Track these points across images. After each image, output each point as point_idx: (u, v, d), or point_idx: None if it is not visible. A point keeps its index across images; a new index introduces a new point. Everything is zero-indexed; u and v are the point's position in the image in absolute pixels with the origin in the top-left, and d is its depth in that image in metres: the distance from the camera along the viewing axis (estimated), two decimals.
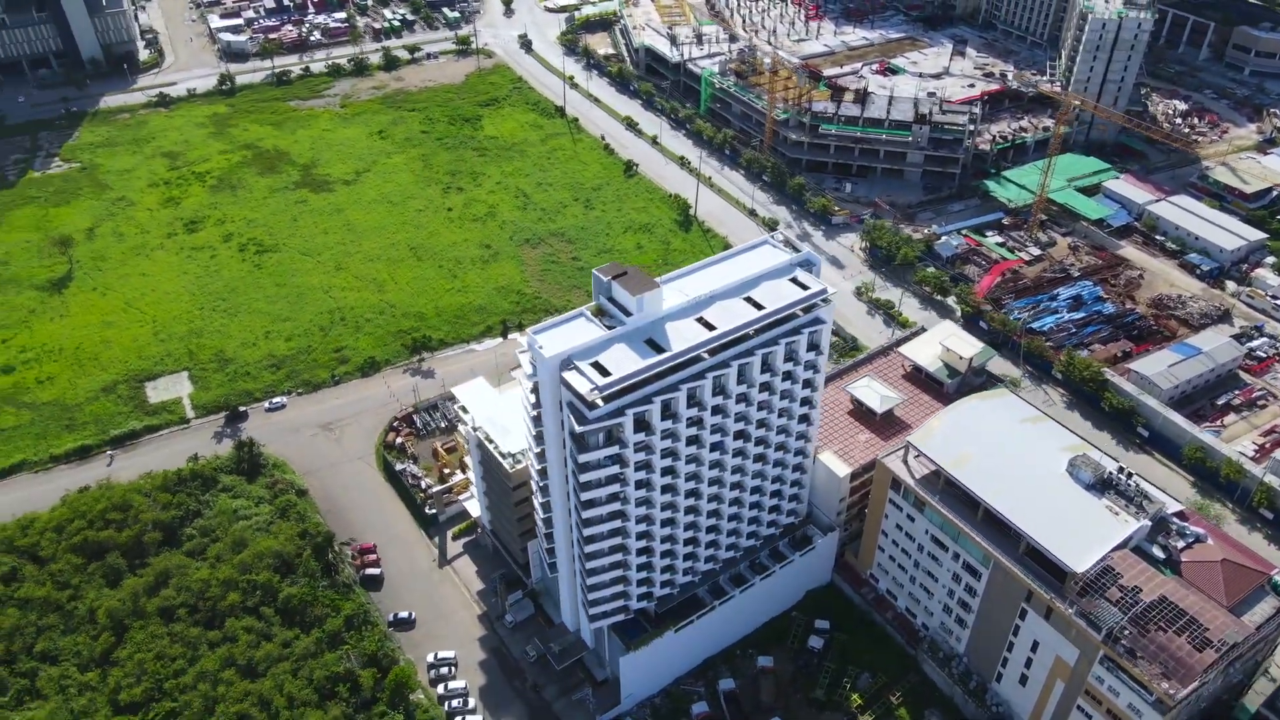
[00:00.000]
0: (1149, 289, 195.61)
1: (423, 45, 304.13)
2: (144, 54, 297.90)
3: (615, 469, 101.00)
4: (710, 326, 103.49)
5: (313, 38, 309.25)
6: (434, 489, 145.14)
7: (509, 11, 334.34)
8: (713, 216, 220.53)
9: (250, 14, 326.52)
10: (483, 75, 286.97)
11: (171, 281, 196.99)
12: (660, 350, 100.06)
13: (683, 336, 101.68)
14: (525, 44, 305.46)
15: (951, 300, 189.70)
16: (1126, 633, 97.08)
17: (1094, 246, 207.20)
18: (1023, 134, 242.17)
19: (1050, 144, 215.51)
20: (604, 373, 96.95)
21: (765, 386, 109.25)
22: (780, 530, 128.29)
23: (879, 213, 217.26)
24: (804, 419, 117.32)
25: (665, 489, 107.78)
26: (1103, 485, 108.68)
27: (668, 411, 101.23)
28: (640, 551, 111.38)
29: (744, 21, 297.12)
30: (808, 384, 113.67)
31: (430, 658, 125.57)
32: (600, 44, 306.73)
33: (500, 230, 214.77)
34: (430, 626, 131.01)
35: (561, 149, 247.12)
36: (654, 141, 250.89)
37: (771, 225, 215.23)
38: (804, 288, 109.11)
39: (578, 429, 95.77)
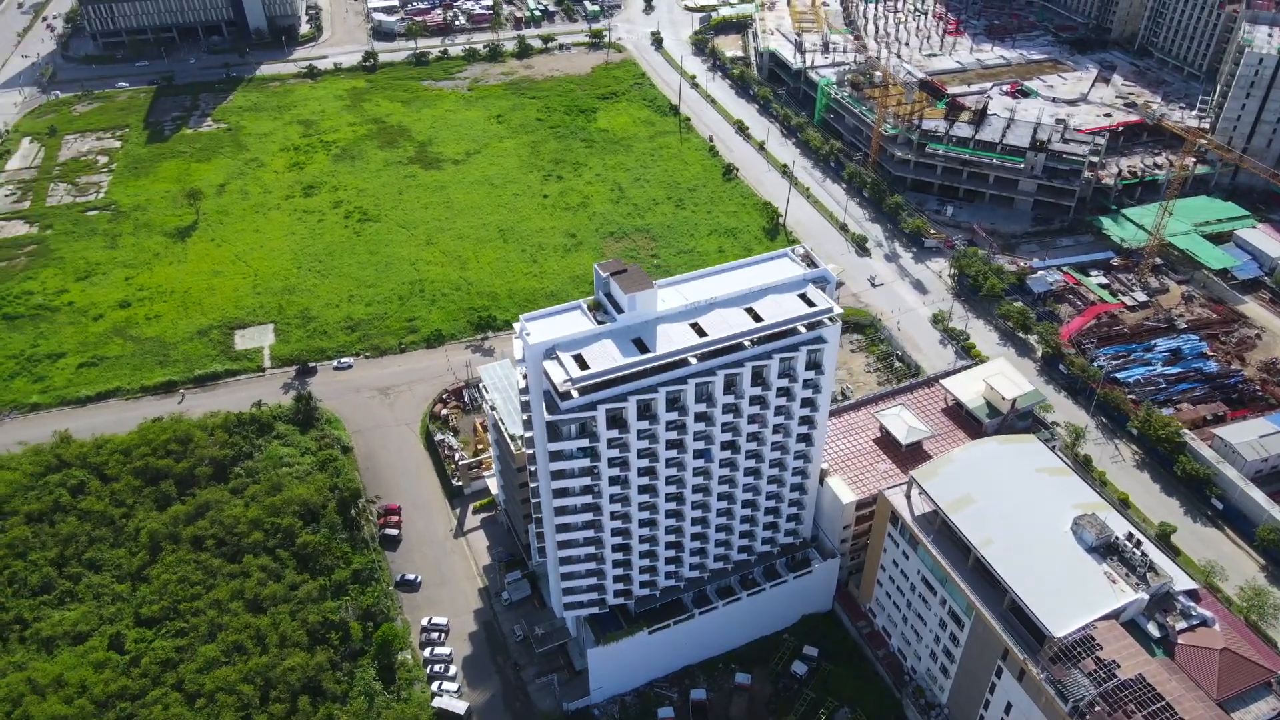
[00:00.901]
0: (1264, 351, 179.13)
1: (557, 36, 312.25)
2: (305, 28, 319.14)
3: (587, 461, 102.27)
4: (702, 333, 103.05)
5: (457, 22, 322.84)
6: (463, 462, 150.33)
7: (649, 8, 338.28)
8: (801, 227, 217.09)
9: None
10: (608, 69, 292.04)
11: (279, 240, 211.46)
12: (645, 350, 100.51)
13: (671, 339, 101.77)
14: (656, 41, 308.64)
15: (1033, 338, 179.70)
16: (1095, 709, 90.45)
17: (1210, 298, 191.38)
18: (1155, 171, 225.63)
19: (1171, 183, 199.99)
20: (583, 366, 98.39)
21: (758, 400, 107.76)
22: (779, 549, 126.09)
23: (975, 239, 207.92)
24: (804, 439, 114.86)
25: (644, 489, 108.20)
26: (1106, 550, 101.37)
27: (646, 412, 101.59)
28: (617, 548, 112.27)
29: (877, 32, 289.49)
30: (807, 403, 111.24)
31: (425, 621, 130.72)
32: (729, 46, 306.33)
33: (589, 221, 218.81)
34: (433, 592, 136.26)
35: (667, 147, 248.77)
36: (760, 147, 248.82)
37: (860, 242, 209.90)
38: (810, 304, 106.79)
39: (548, 417, 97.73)
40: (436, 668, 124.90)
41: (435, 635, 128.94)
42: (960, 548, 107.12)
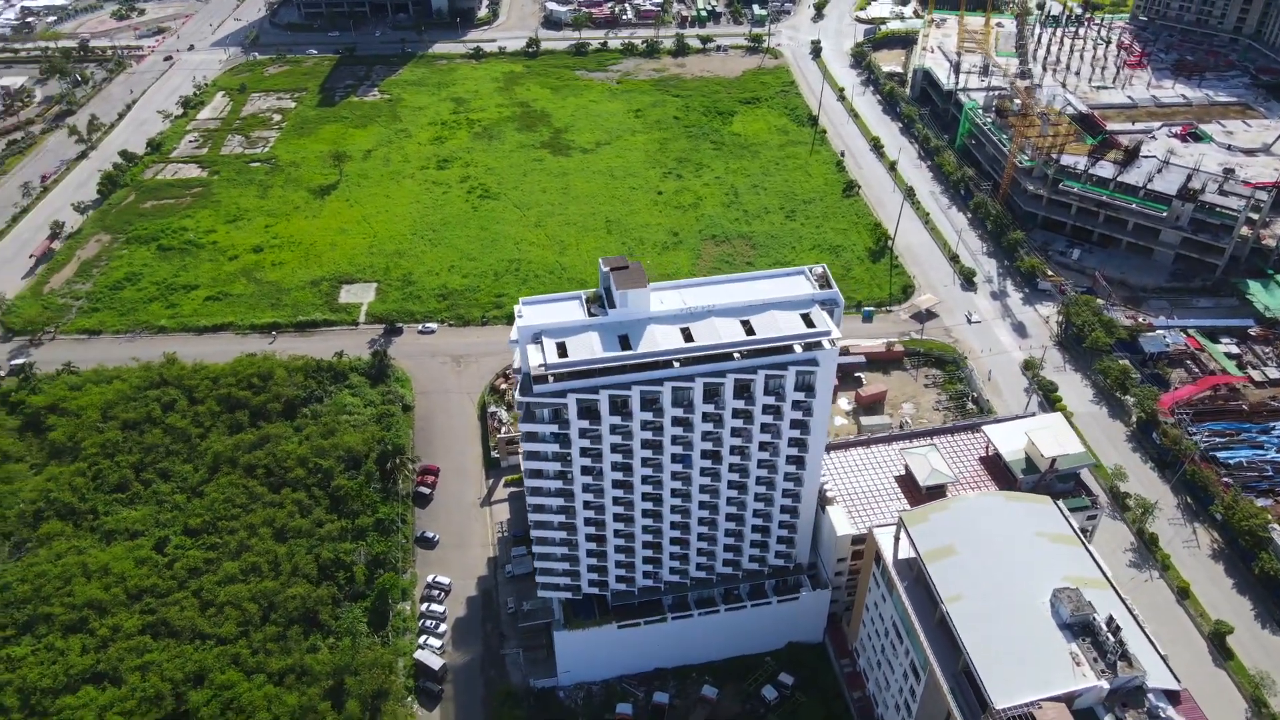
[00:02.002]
0: None
1: (717, 37, 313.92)
2: (483, 12, 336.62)
3: (558, 447, 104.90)
4: (690, 338, 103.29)
5: (624, 16, 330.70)
6: (503, 436, 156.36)
7: (819, 16, 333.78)
8: (910, 253, 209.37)
9: None
10: (759, 74, 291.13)
11: (403, 207, 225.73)
12: (628, 347, 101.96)
13: (655, 340, 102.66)
14: (815, 50, 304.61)
15: (1130, 400, 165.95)
16: None
17: None
18: None
19: None
20: (564, 354, 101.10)
21: (742, 414, 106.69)
22: (769, 570, 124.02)
23: (1095, 287, 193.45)
24: (795, 461, 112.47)
25: (619, 484, 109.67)
26: (1080, 628, 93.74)
27: (621, 408, 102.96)
28: (591, 538, 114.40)
29: (1046, 58, 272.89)
30: (797, 425, 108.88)
31: (430, 578, 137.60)
32: (888, 61, 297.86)
33: (696, 222, 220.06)
34: (446, 552, 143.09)
35: (794, 157, 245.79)
36: (891, 167, 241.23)
37: (968, 275, 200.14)
38: (810, 325, 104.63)
39: (519, 397, 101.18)
40: (429, 623, 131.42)
41: (435, 593, 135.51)
42: (931, 600, 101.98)
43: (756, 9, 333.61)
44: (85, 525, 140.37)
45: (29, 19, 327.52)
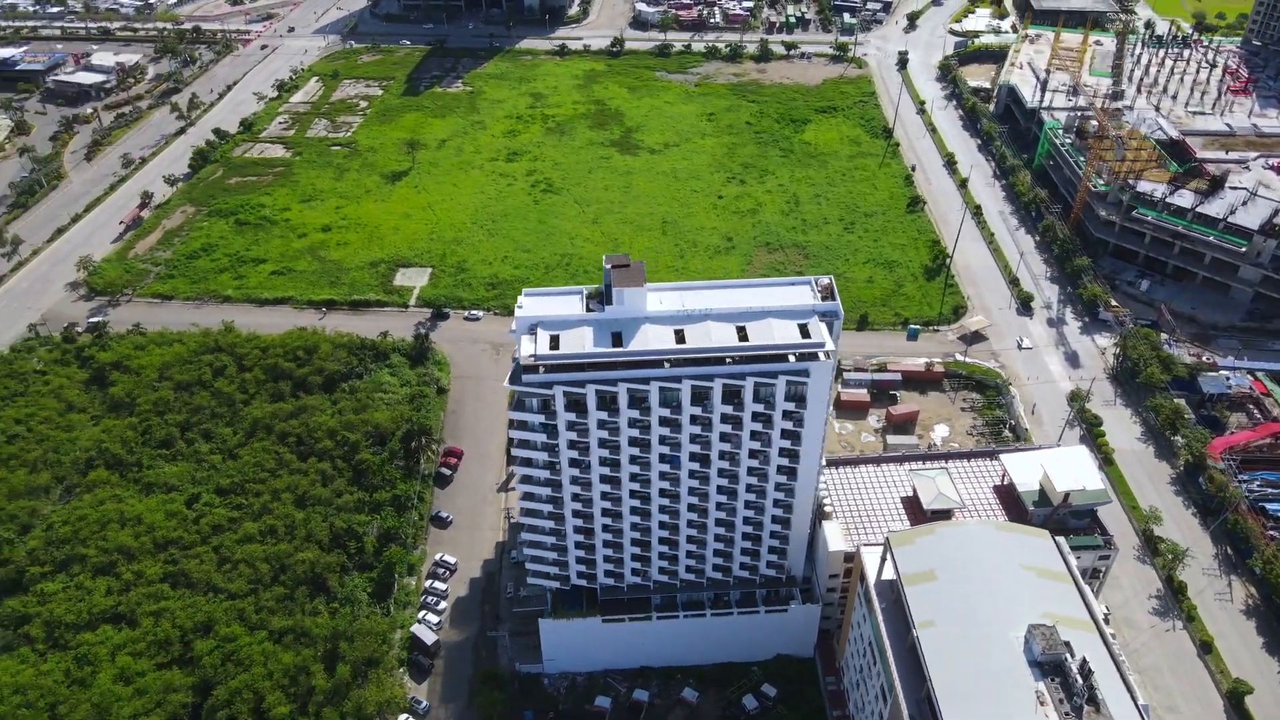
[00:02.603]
0: None
1: (802, 44, 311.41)
2: (573, 10, 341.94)
3: (545, 437, 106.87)
4: (682, 340, 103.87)
5: (712, 20, 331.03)
6: None
7: (911, 27, 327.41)
8: (968, 272, 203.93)
9: None
10: (840, 83, 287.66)
11: (468, 196, 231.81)
12: (619, 345, 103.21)
13: (646, 340, 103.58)
14: (902, 61, 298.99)
15: (1179, 439, 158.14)
16: None
17: None
18: None
19: None
20: (555, 346, 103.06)
21: (730, 420, 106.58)
22: (761, 579, 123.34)
23: (1159, 321, 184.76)
24: (785, 471, 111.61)
25: (606, 479, 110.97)
26: (1050, 667, 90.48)
27: (607, 403, 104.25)
28: (579, 530, 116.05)
29: (1144, 79, 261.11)
30: (788, 435, 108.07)
31: (437, 556, 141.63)
32: (975, 75, 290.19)
33: (752, 228, 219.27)
34: (458, 533, 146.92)
35: (862, 169, 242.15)
36: (962, 184, 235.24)
37: (1025, 300, 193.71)
38: (806, 336, 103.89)
39: (508, 385, 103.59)
40: (430, 599, 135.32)
41: (441, 571, 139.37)
42: (905, 623, 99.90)
43: (846, 18, 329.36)
44: (129, 477, 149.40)
45: (151, 1, 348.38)
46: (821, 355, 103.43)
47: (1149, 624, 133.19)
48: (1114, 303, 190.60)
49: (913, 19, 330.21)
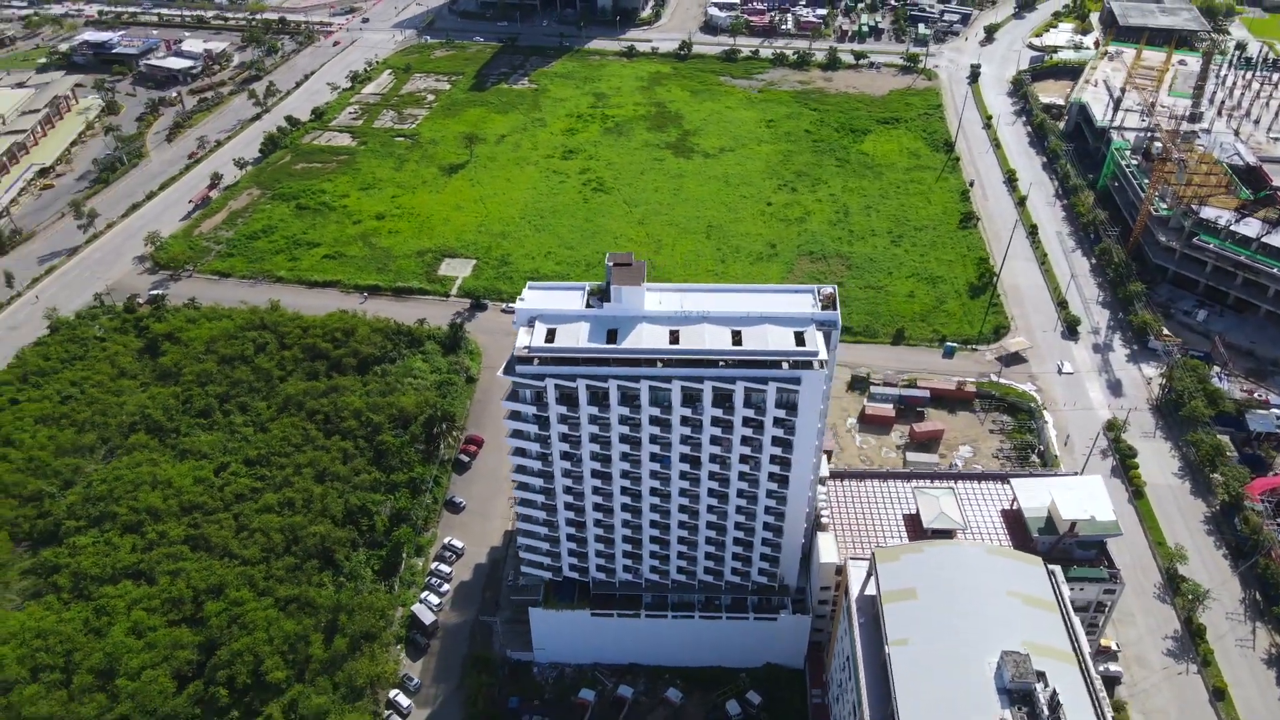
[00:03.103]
0: None
1: (872, 53, 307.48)
2: (646, 12, 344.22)
3: (537, 428, 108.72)
4: (675, 341, 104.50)
5: (783, 27, 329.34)
6: None
7: (988, 40, 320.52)
8: (1015, 292, 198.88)
9: None
10: (906, 94, 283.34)
11: (520, 191, 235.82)
12: (613, 342, 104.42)
13: (640, 339, 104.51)
14: (973, 74, 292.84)
15: (1218, 476, 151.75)
16: None
17: None
18: None
19: None
20: (551, 339, 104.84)
21: (720, 423, 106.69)
22: (753, 586, 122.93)
23: (1212, 353, 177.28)
24: (777, 479, 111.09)
25: (597, 475, 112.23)
26: (1018, 696, 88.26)
27: (598, 398, 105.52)
28: (571, 523, 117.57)
29: (1226, 102, 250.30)
30: (779, 443, 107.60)
31: (446, 540, 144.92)
32: (1049, 92, 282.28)
33: (797, 236, 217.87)
34: (469, 518, 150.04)
35: (918, 182, 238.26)
36: (1020, 202, 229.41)
37: (1072, 323, 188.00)
38: (801, 344, 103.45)
39: (501, 374, 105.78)
40: (434, 581, 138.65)
41: (448, 555, 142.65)
42: (880, 640, 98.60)
43: (921, 28, 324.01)
44: (167, 442, 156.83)
45: None
46: (815, 364, 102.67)
47: (1162, 664, 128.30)
48: (1166, 331, 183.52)
49: (991, 32, 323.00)
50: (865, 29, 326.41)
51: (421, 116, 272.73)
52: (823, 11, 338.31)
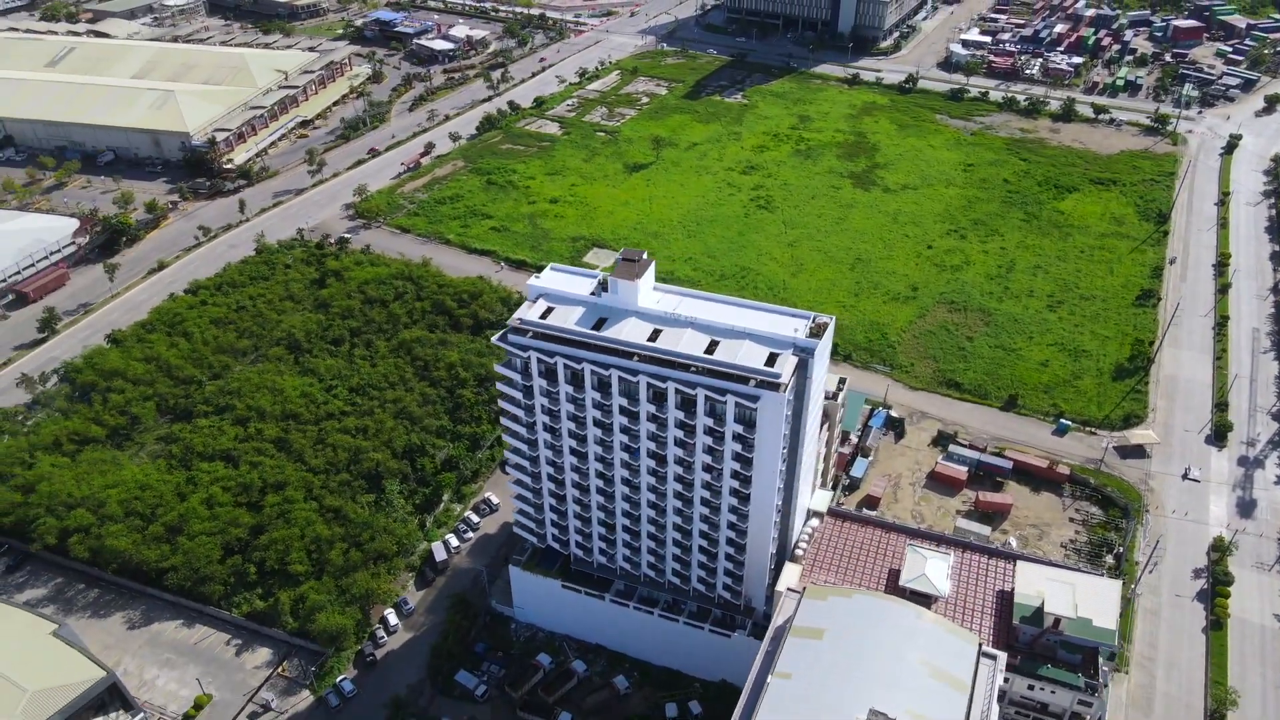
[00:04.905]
0: None
1: (1116, 109, 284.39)
2: (886, 42, 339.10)
3: (522, 397, 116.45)
4: (653, 339, 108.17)
5: (1028, 70, 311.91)
6: None
7: (1268, 110, 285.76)
8: (1170, 383, 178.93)
9: (1005, 36, 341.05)
10: (1138, 156, 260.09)
11: (688, 197, 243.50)
12: (598, 329, 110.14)
13: (622, 331, 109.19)
14: (1230, 145, 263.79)
15: None
16: None
17: None
18: None
19: None
20: (545, 317, 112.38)
21: (684, 427, 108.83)
22: (718, 600, 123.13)
23: None
24: (737, 495, 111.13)
25: (574, 453, 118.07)
26: None
27: (574, 378, 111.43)
28: (552, 494, 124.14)
29: None
30: (739, 459, 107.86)
31: (485, 495, 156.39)
32: None
33: (946, 284, 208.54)
34: None
35: (1109, 250, 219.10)
36: (1222, 289, 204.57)
37: (1222, 428, 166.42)
38: (770, 365, 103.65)
39: (494, 339, 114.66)
40: (461, 527, 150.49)
41: (483, 507, 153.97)
42: (770, 670, 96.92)
43: (1188, 88, 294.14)
44: (300, 360, 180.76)
45: None
46: (781, 387, 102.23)
47: None
48: None
49: (1273, 103, 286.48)
50: (1121, 83, 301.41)
51: (629, 116, 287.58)
52: (1079, 60, 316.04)
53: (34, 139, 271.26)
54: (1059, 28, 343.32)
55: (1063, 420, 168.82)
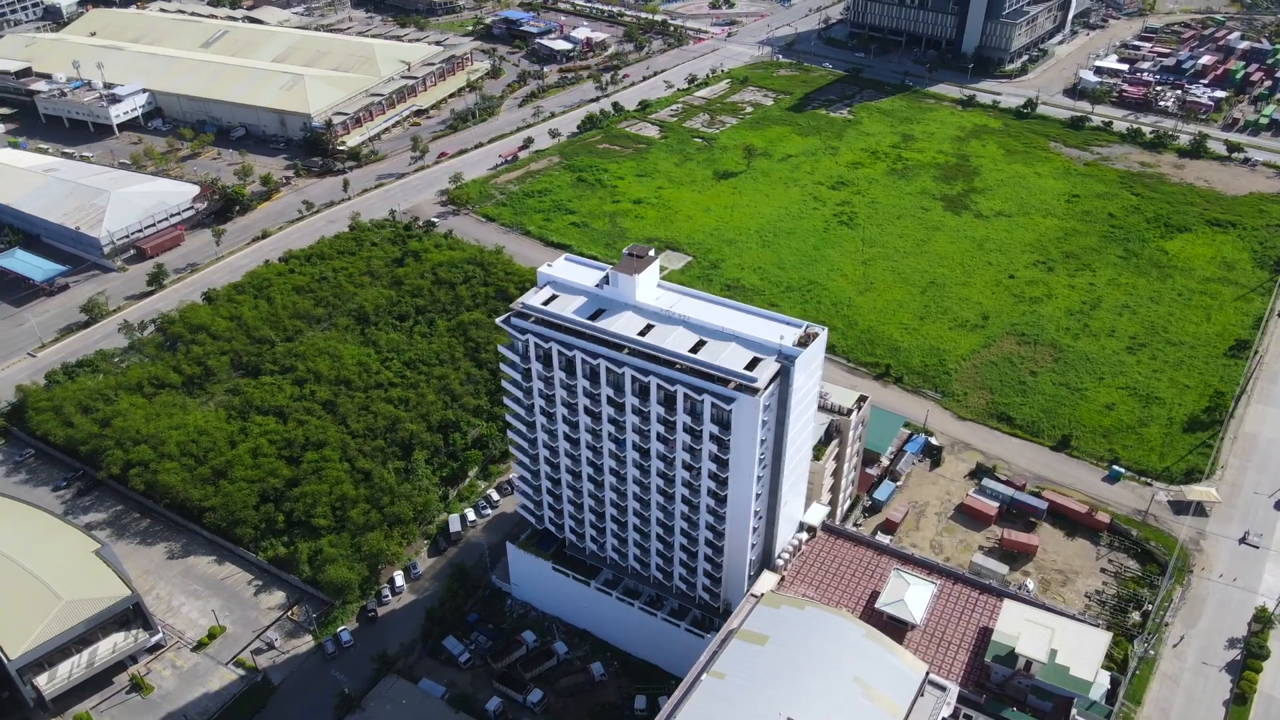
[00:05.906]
0: None
1: (1253, 148, 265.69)
2: (1012, 65, 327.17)
3: (519, 378, 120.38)
4: (643, 334, 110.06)
5: (1161, 102, 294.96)
6: None
7: None
8: (1247, 441, 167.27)
9: (1144, 65, 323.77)
10: (1267, 199, 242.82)
11: (770, 207, 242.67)
12: (594, 319, 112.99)
13: (615, 324, 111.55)
14: None
15: None
16: None
17: None
18: None
19: None
20: (546, 304, 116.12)
21: (665, 423, 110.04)
22: (698, 600, 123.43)
23: None
24: (714, 496, 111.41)
25: (567, 438, 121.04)
26: None
27: (567, 365, 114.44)
28: (549, 479, 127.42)
29: None
30: (715, 460, 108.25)
31: (510, 475, 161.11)
32: None
33: (1023, 315, 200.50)
34: None
35: (1211, 295, 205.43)
36: None
37: None
38: (750, 369, 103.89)
39: (498, 321, 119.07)
40: (482, 503, 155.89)
41: (505, 487, 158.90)
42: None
43: None
44: (365, 332, 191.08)
45: None
46: (757, 393, 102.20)
47: None
48: None
49: None
50: (1265, 120, 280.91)
51: (729, 124, 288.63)
52: (1221, 94, 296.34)
53: (179, 112, 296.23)
54: (1205, 59, 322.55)
55: (1116, 467, 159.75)
